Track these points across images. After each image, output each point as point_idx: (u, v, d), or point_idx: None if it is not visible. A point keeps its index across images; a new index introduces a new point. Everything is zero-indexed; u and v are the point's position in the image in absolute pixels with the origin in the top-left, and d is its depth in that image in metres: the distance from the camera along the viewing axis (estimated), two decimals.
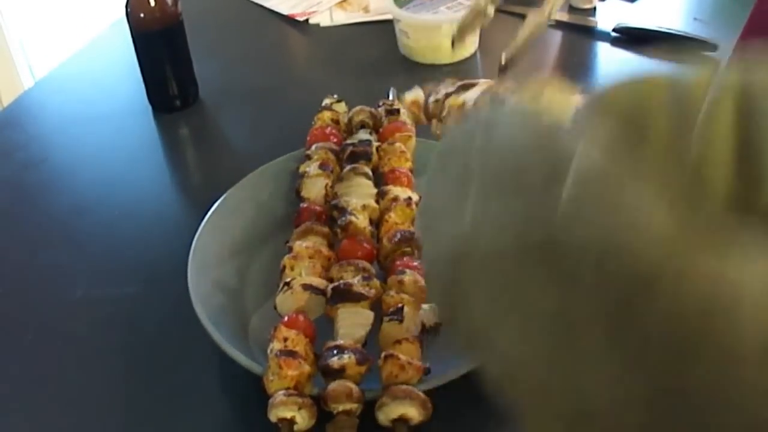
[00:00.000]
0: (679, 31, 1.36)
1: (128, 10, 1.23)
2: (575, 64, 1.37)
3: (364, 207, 0.90)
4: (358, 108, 1.05)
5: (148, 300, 0.96)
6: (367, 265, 0.84)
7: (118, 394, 0.85)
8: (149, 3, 1.22)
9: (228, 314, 0.85)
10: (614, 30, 1.39)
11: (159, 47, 1.26)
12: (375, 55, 1.45)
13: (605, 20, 1.42)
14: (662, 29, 1.37)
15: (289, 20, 1.58)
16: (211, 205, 0.96)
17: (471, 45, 1.38)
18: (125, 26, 1.24)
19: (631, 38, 1.39)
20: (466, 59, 1.38)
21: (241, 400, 0.82)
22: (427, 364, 0.75)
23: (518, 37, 0.89)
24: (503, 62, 0.88)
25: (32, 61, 3.39)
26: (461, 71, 1.35)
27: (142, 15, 1.22)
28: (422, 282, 0.82)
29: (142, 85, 1.30)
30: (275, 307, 0.81)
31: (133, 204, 1.13)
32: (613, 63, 1.36)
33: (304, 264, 0.84)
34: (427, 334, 0.81)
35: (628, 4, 1.52)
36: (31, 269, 1.03)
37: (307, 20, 1.57)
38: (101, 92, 1.41)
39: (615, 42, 1.39)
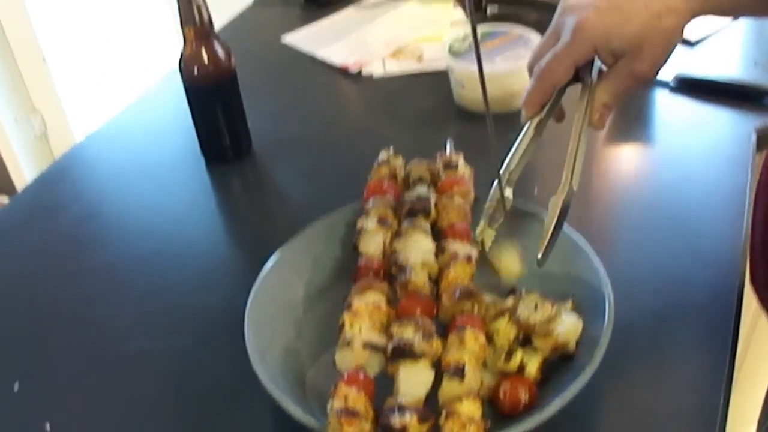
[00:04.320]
0: (738, 80, 1.34)
1: (182, 65, 1.23)
2: (632, 114, 1.35)
3: (423, 264, 0.89)
4: (415, 162, 1.04)
5: (203, 353, 0.96)
6: (427, 322, 0.82)
7: None
8: (203, 58, 1.22)
9: (285, 369, 0.85)
10: (673, 79, 1.38)
11: (212, 101, 1.27)
12: (430, 105, 1.44)
13: (664, 69, 1.40)
14: (721, 78, 1.35)
15: (342, 71, 1.59)
16: (266, 258, 0.96)
17: None
18: (177, 77, 1.24)
19: (691, 87, 1.37)
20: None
21: None
22: (488, 422, 0.74)
23: (546, 229, 0.88)
24: (539, 261, 0.87)
25: (83, 114, 3.44)
26: (517, 121, 1.33)
27: (195, 71, 1.23)
28: (483, 339, 0.81)
29: (195, 137, 1.31)
30: (334, 364, 0.81)
31: (188, 257, 1.14)
32: (672, 112, 1.34)
33: (364, 321, 0.83)
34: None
35: (688, 51, 1.50)
36: (86, 321, 1.04)
37: (359, 71, 1.57)
38: (154, 144, 1.42)
39: (674, 91, 1.37)
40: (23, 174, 3.28)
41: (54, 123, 3.36)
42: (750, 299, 0.96)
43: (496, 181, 0.93)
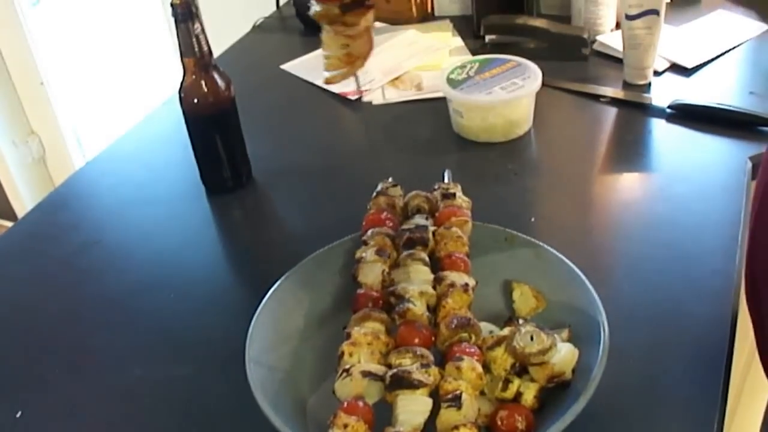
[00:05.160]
0: (734, 107, 1.35)
1: (181, 95, 1.24)
2: (629, 141, 1.36)
3: (422, 294, 0.90)
4: (413, 193, 1.06)
5: (204, 381, 0.96)
6: (425, 351, 0.84)
7: None
8: (202, 88, 1.23)
9: (285, 397, 0.85)
10: (669, 106, 1.39)
11: (212, 131, 1.28)
12: (428, 134, 1.46)
13: (660, 96, 1.42)
14: (718, 105, 1.36)
15: (342, 98, 1.60)
16: (265, 287, 0.97)
17: (525, 123, 1.39)
18: (176, 103, 1.25)
19: (687, 114, 1.38)
20: (520, 137, 1.38)
21: None
22: None
23: None
24: None
25: (81, 137, 3.45)
26: (515, 149, 1.35)
27: (195, 100, 1.24)
28: (480, 368, 0.82)
29: (195, 165, 1.32)
30: (334, 393, 0.82)
31: (188, 285, 1.14)
32: (668, 139, 1.36)
33: (363, 350, 0.84)
34: None
35: (684, 78, 1.51)
36: (86, 350, 1.04)
37: (359, 98, 1.59)
38: (153, 173, 1.43)
39: (670, 118, 1.39)
40: (21, 197, 3.29)
41: (52, 146, 3.39)
42: (747, 329, 0.97)
43: None
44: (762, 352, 0.88)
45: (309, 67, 1.74)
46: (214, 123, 1.27)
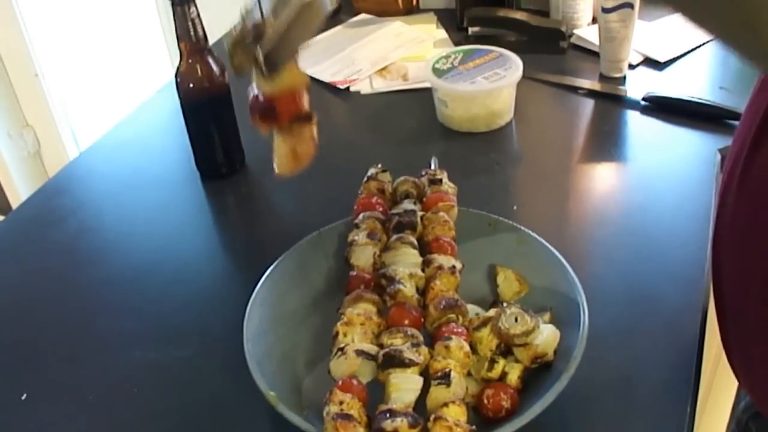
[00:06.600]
0: (706, 101, 1.40)
1: (177, 80, 1.27)
2: (606, 132, 1.41)
3: (411, 276, 0.94)
4: (402, 178, 1.10)
5: (202, 363, 0.99)
6: (415, 331, 0.88)
7: None
8: (198, 73, 1.26)
9: (282, 378, 0.89)
10: (644, 99, 1.44)
11: (207, 116, 1.31)
12: (414, 123, 1.49)
13: (635, 89, 1.47)
14: (690, 99, 1.41)
15: (331, 87, 1.64)
16: (260, 270, 1.01)
17: (506, 114, 1.43)
18: (170, 92, 1.27)
19: (660, 106, 1.43)
20: (502, 128, 1.42)
21: None
22: (473, 426, 0.79)
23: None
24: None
25: (75, 129, 3.44)
26: (497, 139, 1.40)
27: (191, 85, 1.27)
28: (467, 347, 0.86)
29: (190, 150, 1.34)
30: (329, 372, 0.85)
31: (185, 269, 1.17)
32: (642, 131, 1.40)
33: (356, 330, 0.88)
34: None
35: (657, 72, 1.57)
36: (87, 334, 1.07)
37: (348, 88, 1.63)
38: (149, 159, 1.46)
39: (644, 110, 1.43)
40: (17, 191, 3.26)
41: (47, 138, 3.36)
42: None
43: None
44: (725, 341, 0.91)
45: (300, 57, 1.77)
46: (208, 108, 1.30)
